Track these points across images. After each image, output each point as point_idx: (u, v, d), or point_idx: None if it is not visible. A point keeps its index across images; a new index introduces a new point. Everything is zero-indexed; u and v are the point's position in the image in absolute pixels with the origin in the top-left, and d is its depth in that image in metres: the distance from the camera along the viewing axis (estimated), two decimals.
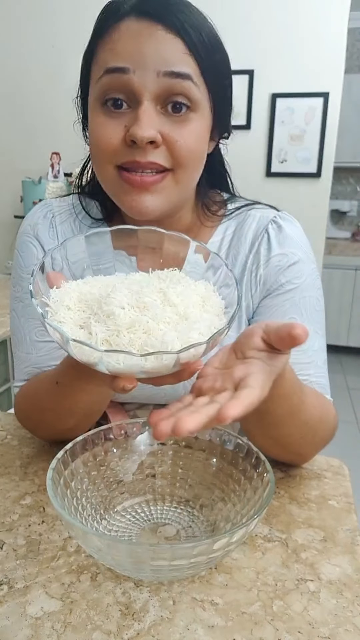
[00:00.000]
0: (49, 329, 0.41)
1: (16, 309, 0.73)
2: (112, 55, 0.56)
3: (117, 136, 0.57)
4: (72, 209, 0.75)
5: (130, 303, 0.43)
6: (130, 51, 0.55)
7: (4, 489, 0.62)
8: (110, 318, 0.42)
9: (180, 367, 0.42)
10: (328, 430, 0.65)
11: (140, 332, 0.41)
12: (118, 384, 0.42)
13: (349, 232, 4.19)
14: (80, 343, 0.39)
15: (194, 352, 0.40)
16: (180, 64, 0.55)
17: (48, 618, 0.44)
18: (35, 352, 0.71)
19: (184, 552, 0.40)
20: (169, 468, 0.59)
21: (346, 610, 0.45)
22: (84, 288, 0.47)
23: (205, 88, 0.58)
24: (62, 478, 0.50)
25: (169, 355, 0.39)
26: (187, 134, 0.57)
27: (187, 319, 0.44)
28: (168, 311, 0.43)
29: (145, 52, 0.55)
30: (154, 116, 0.56)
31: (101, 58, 0.58)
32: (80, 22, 2.48)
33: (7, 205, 2.78)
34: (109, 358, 0.39)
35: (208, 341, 0.40)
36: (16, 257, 0.74)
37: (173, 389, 0.73)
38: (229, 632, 0.43)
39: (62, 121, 2.63)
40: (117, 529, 0.53)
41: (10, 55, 2.63)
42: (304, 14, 2.26)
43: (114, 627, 0.43)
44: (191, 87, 0.56)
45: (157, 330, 0.42)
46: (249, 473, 0.52)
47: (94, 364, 0.41)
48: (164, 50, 0.55)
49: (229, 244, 0.73)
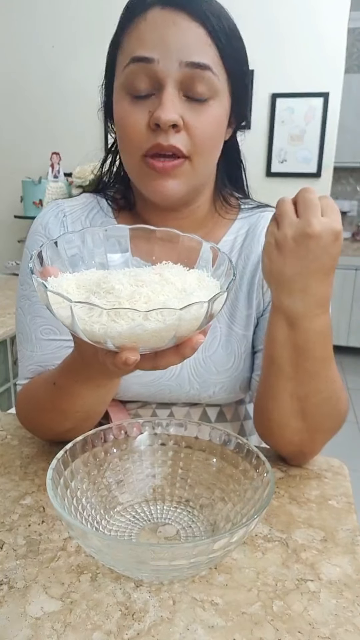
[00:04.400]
0: (52, 303, 0.40)
1: (22, 307, 0.73)
2: (138, 44, 0.60)
3: (142, 121, 0.60)
4: (84, 207, 0.76)
5: (129, 282, 0.43)
6: (155, 41, 0.59)
7: (4, 489, 0.62)
8: (110, 293, 0.42)
9: (180, 341, 0.42)
10: (343, 408, 0.64)
11: (141, 302, 0.41)
12: (120, 357, 0.40)
13: (349, 232, 4.20)
14: (83, 303, 0.39)
15: (195, 314, 0.39)
16: (201, 54, 0.59)
17: (48, 618, 0.44)
18: (40, 350, 0.71)
19: (184, 552, 0.40)
20: (169, 468, 0.59)
21: (346, 610, 0.45)
22: (81, 277, 0.47)
23: (225, 75, 0.62)
24: (62, 478, 0.50)
25: (172, 314, 0.38)
26: (206, 121, 0.61)
27: (186, 292, 0.44)
28: (166, 287, 0.44)
29: (169, 41, 0.58)
30: (177, 101, 0.59)
31: (127, 47, 0.61)
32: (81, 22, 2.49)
33: (7, 205, 2.78)
34: (111, 322, 0.38)
35: (210, 301, 0.40)
36: (25, 256, 0.75)
37: (178, 385, 0.74)
38: (229, 632, 0.43)
39: (62, 121, 2.64)
40: (117, 529, 0.53)
41: (10, 55, 2.63)
42: (304, 14, 2.26)
43: (114, 627, 0.43)
44: (211, 76, 0.60)
45: (158, 300, 0.42)
46: (249, 473, 0.52)
47: (96, 335, 0.40)
48: (186, 38, 0.58)
49: (241, 243, 0.75)
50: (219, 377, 0.73)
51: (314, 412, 0.61)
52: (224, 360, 0.73)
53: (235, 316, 0.74)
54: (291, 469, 0.67)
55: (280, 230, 0.55)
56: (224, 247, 0.75)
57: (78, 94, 2.56)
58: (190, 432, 0.59)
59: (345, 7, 2.22)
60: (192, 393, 0.74)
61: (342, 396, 0.63)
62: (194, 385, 0.74)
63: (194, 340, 0.42)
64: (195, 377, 0.73)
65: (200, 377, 0.73)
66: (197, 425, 0.59)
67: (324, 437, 0.64)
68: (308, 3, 2.25)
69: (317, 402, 0.61)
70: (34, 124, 2.68)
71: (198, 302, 0.39)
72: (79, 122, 2.60)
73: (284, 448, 0.66)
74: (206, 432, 0.58)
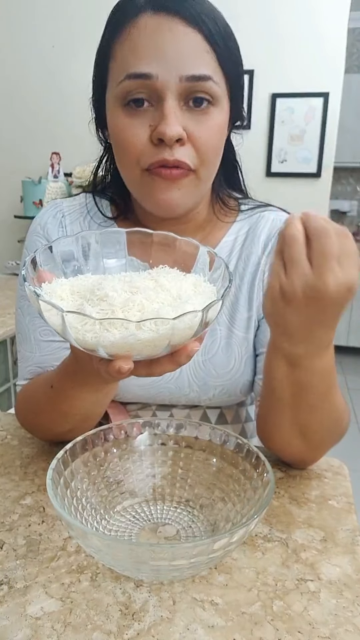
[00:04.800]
0: (44, 311, 0.40)
1: (22, 308, 0.73)
2: (133, 57, 0.56)
3: (142, 135, 0.58)
4: (83, 207, 0.75)
5: (123, 288, 0.43)
6: (151, 53, 0.56)
7: (4, 489, 0.62)
8: (104, 300, 0.42)
9: (175, 349, 0.42)
10: (345, 425, 0.64)
11: (134, 310, 0.41)
12: (114, 366, 0.40)
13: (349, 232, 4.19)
14: (75, 313, 0.38)
15: (189, 323, 0.39)
16: (201, 64, 0.57)
17: (48, 618, 0.44)
18: (39, 351, 0.71)
19: (184, 552, 0.40)
20: (169, 468, 0.59)
21: (346, 610, 0.45)
22: (75, 282, 0.47)
23: (224, 80, 0.60)
24: (62, 478, 0.50)
25: (165, 324, 0.38)
26: (209, 130, 0.59)
27: (181, 299, 0.43)
28: (161, 294, 0.43)
29: (166, 52, 0.55)
30: (178, 112, 0.57)
31: (121, 59, 0.58)
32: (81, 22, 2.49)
33: (7, 205, 2.78)
34: (104, 332, 0.38)
35: (204, 310, 0.39)
36: (24, 256, 0.74)
37: (178, 387, 0.73)
38: (229, 632, 0.43)
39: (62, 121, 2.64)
40: (117, 529, 0.53)
41: (10, 55, 2.63)
42: (304, 14, 2.26)
43: (114, 627, 0.43)
44: (212, 86, 0.58)
45: (151, 308, 0.41)
46: (249, 473, 0.52)
47: (89, 343, 0.40)
48: (184, 47, 0.56)
49: (242, 244, 0.74)
50: (218, 380, 0.73)
51: (315, 434, 0.61)
52: (224, 363, 0.73)
53: (235, 319, 0.73)
54: (291, 469, 0.67)
55: (289, 278, 0.46)
56: (223, 248, 0.74)
57: (78, 94, 2.55)
58: (190, 432, 0.59)
59: (345, 7, 2.22)
60: (191, 395, 0.74)
61: (345, 417, 0.62)
62: (193, 387, 0.73)
63: (189, 348, 0.42)
64: (195, 379, 0.73)
65: (200, 379, 0.73)
66: (196, 426, 0.59)
67: (324, 450, 0.65)
68: (308, 3, 2.25)
69: (318, 429, 0.60)
70: (34, 124, 2.68)
71: (192, 311, 0.38)
72: (79, 122, 2.58)
73: (286, 459, 0.66)
74: (206, 432, 0.58)
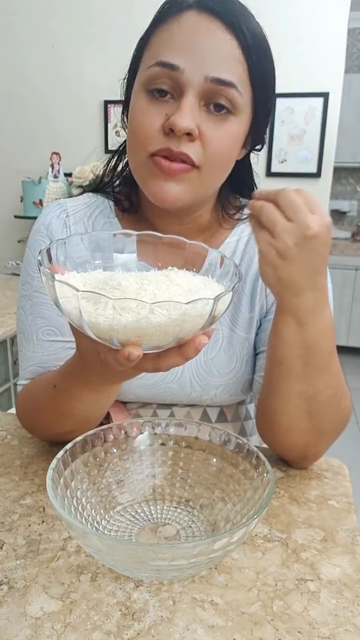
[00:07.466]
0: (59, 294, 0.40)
1: (24, 307, 0.73)
2: (166, 48, 0.58)
3: (156, 122, 0.59)
4: (87, 207, 0.75)
5: (135, 280, 0.44)
6: (184, 47, 0.57)
7: (4, 489, 0.62)
8: (117, 289, 0.42)
9: (182, 341, 0.42)
10: (347, 406, 0.64)
11: (147, 299, 0.41)
12: (123, 352, 0.40)
13: (349, 232, 4.19)
14: (90, 292, 0.39)
15: (201, 311, 0.39)
16: (229, 70, 0.57)
17: (48, 618, 0.44)
18: (41, 351, 0.71)
19: (184, 552, 0.40)
20: (169, 468, 0.60)
21: (346, 610, 0.45)
22: (87, 276, 0.48)
23: (250, 95, 0.61)
24: (62, 478, 0.50)
25: (177, 309, 0.38)
26: (223, 136, 0.60)
27: (191, 292, 0.44)
28: (172, 287, 0.44)
29: (198, 51, 0.56)
30: (195, 109, 0.58)
31: (156, 47, 0.60)
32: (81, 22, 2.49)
33: (7, 205, 2.78)
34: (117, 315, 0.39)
35: (215, 299, 0.40)
36: (27, 255, 0.74)
37: (180, 387, 0.73)
38: (229, 632, 0.43)
39: (62, 121, 2.64)
40: (117, 529, 0.53)
41: (10, 55, 2.63)
42: (304, 14, 2.26)
43: (114, 627, 0.43)
44: (235, 94, 0.58)
45: (163, 297, 0.42)
46: (249, 473, 0.52)
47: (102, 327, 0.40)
48: (217, 50, 0.57)
49: (245, 245, 0.75)
50: (220, 380, 0.73)
51: (321, 411, 0.61)
52: (225, 363, 0.73)
53: (237, 319, 0.74)
54: (291, 469, 0.67)
55: (278, 238, 0.53)
56: (226, 249, 0.74)
57: (78, 94, 2.56)
58: (190, 432, 0.59)
59: (345, 7, 2.22)
60: (193, 395, 0.74)
61: (346, 391, 0.64)
62: (195, 387, 0.73)
63: (197, 341, 0.42)
64: (197, 379, 0.73)
65: (202, 379, 0.73)
66: (197, 425, 0.59)
67: (328, 438, 0.64)
68: (308, 3, 2.24)
69: (324, 399, 0.60)
70: (34, 124, 2.68)
71: (204, 298, 0.39)
72: (79, 122, 2.60)
73: (288, 452, 0.66)
74: (206, 432, 0.58)
